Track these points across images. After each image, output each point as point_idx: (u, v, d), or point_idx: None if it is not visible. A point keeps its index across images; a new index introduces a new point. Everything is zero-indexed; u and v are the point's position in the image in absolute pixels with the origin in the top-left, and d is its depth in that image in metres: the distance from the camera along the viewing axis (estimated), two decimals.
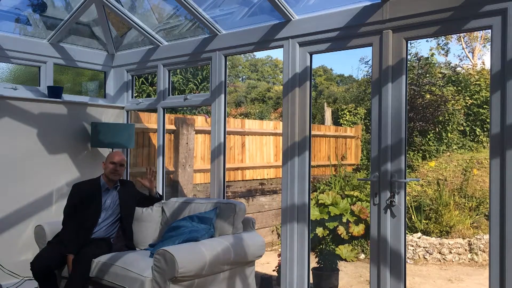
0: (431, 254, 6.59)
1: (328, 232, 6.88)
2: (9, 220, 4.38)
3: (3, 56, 4.53)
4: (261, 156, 7.82)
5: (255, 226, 4.04)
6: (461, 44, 20.54)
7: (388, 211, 3.31)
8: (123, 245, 3.96)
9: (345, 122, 11.14)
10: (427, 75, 10.48)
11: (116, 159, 4.03)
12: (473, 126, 10.33)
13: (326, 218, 6.88)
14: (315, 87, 19.97)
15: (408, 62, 7.00)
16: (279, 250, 4.94)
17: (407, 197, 6.41)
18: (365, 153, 10.30)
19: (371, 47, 3.44)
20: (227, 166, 4.42)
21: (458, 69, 12.54)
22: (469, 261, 6.50)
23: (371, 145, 3.42)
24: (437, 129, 10.05)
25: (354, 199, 7.19)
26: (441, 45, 19.61)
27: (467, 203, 7.56)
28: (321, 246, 5.57)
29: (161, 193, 4.64)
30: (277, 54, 34.65)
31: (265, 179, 7.75)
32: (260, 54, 31.48)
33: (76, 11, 4.58)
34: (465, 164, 8.92)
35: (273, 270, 5.39)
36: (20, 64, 4.78)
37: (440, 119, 9.97)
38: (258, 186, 7.56)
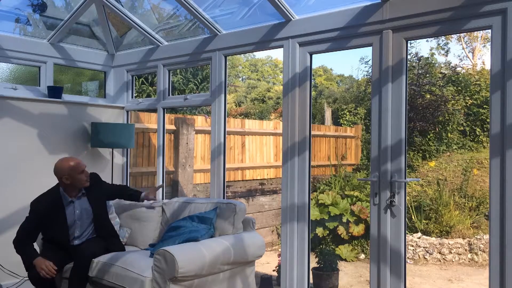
0: (431, 254, 6.59)
1: (328, 232, 6.88)
2: (9, 220, 4.37)
3: (3, 56, 4.53)
4: (261, 156, 7.82)
5: (255, 226, 4.03)
6: (461, 44, 20.52)
7: (388, 211, 3.31)
8: (111, 242, 3.80)
9: (345, 122, 11.14)
10: (427, 75, 10.47)
11: (83, 166, 3.71)
12: (473, 126, 10.32)
13: (326, 218, 6.88)
14: (315, 87, 19.96)
15: (408, 62, 6.99)
16: (279, 250, 4.93)
17: (407, 197, 6.40)
18: (365, 153, 10.30)
19: (371, 47, 3.44)
20: (227, 166, 4.42)
21: (458, 69, 12.51)
22: (469, 261, 6.50)
23: (371, 145, 3.42)
24: (437, 129, 10.04)
25: (354, 199, 7.19)
26: (441, 45, 19.60)
27: (467, 203, 7.56)
28: (321, 246, 5.58)
29: (155, 198, 4.09)
30: (277, 54, 34.59)
31: (265, 179, 7.75)
32: (260, 54, 31.43)
33: (76, 11, 4.58)
34: (465, 164, 8.92)
35: (273, 270, 5.39)
36: (20, 64, 4.78)
37: (440, 119, 9.96)
38: (258, 186, 7.55)
